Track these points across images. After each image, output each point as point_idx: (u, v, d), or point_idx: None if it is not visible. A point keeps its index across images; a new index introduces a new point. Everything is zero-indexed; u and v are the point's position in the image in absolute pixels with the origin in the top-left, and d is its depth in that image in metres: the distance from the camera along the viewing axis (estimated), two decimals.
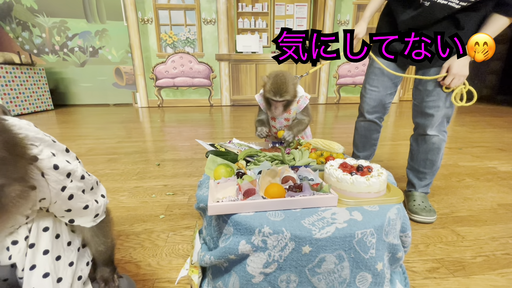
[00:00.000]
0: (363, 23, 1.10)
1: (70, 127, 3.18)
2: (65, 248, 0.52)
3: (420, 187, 1.21)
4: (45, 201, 0.45)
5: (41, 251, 0.50)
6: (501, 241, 0.99)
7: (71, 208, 0.48)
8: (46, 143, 0.45)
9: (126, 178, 1.60)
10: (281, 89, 0.99)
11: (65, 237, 0.53)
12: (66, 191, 0.46)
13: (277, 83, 0.99)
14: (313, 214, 0.56)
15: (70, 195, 0.47)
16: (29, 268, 0.49)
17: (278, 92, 1.00)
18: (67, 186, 0.46)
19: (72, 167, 0.47)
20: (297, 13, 4.67)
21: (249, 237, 0.54)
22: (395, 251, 0.60)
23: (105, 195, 0.56)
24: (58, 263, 0.51)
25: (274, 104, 1.04)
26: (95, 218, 0.54)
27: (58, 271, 0.50)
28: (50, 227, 0.50)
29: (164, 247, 0.97)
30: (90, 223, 0.54)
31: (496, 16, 0.89)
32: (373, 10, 1.12)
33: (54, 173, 0.44)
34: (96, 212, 0.53)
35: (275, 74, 1.03)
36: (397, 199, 0.62)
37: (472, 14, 0.91)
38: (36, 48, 4.79)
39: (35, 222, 0.50)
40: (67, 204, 0.48)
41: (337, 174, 0.64)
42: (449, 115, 1.08)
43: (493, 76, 5.55)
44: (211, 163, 0.73)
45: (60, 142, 0.49)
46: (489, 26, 0.89)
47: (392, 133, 2.76)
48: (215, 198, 0.58)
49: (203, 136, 2.68)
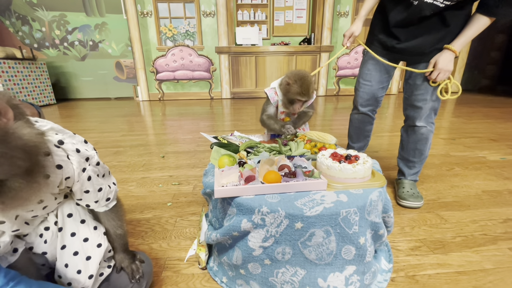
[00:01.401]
0: (359, 22, 1.18)
1: (74, 121, 3.26)
2: (92, 231, 0.60)
3: (410, 175, 1.30)
4: (70, 180, 0.52)
5: (69, 233, 0.58)
6: (481, 223, 1.08)
7: (88, 189, 0.55)
8: (68, 134, 0.53)
9: (133, 170, 1.69)
10: (309, 90, 1.06)
11: (90, 222, 0.61)
12: (86, 173, 0.53)
13: (306, 85, 1.04)
14: (305, 197, 0.65)
15: (88, 176, 0.54)
16: (60, 248, 0.58)
17: (307, 93, 1.06)
18: (87, 168, 0.53)
19: (90, 154, 0.54)
20: (297, 5, 4.66)
21: (250, 216, 0.63)
22: (377, 228, 0.69)
23: (116, 183, 0.63)
24: (86, 244, 0.59)
25: (298, 103, 1.09)
26: (107, 202, 0.60)
27: (86, 250, 0.58)
28: (73, 213, 0.58)
29: (173, 230, 1.07)
30: (103, 208, 0.61)
31: (478, 16, 0.95)
32: (367, 9, 1.18)
33: (76, 155, 0.51)
34: (107, 195, 0.59)
35: (301, 76, 1.06)
36: (380, 184, 0.71)
37: (457, 12, 0.97)
38: (37, 42, 4.81)
39: (59, 209, 0.58)
40: (86, 185, 0.54)
41: (327, 162, 0.72)
42: (436, 108, 1.16)
43: (492, 67, 5.55)
44: (216, 153, 0.82)
45: None
46: (472, 26, 0.96)
47: (389, 124, 2.83)
48: (220, 184, 0.67)
49: (204, 129, 2.76)
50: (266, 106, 1.20)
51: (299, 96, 1.06)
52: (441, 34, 1.03)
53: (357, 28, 1.18)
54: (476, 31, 0.96)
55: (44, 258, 0.59)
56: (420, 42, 1.07)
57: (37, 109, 0.70)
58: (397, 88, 5.11)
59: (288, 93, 1.08)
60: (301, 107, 1.11)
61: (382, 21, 1.17)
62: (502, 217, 1.13)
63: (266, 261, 0.65)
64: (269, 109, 1.18)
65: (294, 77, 1.06)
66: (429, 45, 1.06)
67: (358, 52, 4.83)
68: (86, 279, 0.57)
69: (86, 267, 0.58)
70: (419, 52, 1.09)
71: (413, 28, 1.07)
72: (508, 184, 1.43)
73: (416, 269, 0.84)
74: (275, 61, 4.67)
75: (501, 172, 1.58)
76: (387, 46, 1.16)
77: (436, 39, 1.05)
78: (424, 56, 1.09)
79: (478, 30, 0.96)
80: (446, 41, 1.04)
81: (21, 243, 0.56)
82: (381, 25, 1.17)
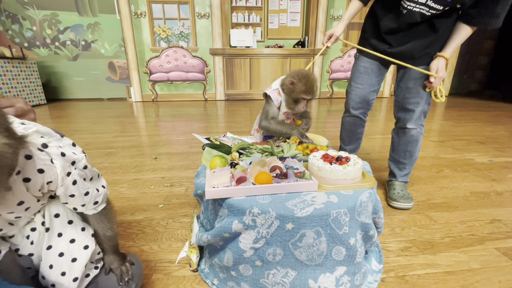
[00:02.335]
0: (341, 24, 1.21)
1: (65, 122, 3.20)
2: (79, 232, 0.59)
3: (400, 177, 1.32)
4: (52, 184, 0.50)
5: (56, 234, 0.57)
6: (468, 224, 1.11)
7: (74, 193, 0.53)
8: (54, 137, 0.52)
9: (124, 171, 1.67)
10: (314, 88, 1.06)
11: (78, 223, 0.60)
12: (70, 177, 0.52)
13: (311, 83, 1.05)
14: (296, 197, 0.65)
15: (74, 180, 0.52)
16: (46, 248, 0.56)
17: (312, 92, 1.06)
18: (72, 173, 0.52)
19: (77, 157, 0.53)
20: (291, 8, 4.70)
21: (241, 217, 0.63)
22: (367, 229, 0.70)
23: (106, 186, 0.62)
24: (73, 245, 0.57)
25: (303, 102, 1.09)
26: (95, 205, 0.59)
27: (72, 252, 0.57)
28: (60, 214, 0.57)
29: (164, 232, 1.06)
30: (92, 211, 0.59)
31: (461, 26, 1.00)
32: (350, 14, 1.20)
33: (61, 160, 0.50)
34: (95, 199, 0.58)
35: (305, 75, 1.06)
36: (370, 185, 0.72)
37: (443, 19, 1.01)
38: (27, 42, 4.72)
39: (47, 209, 0.56)
40: (71, 189, 0.53)
41: (318, 163, 0.73)
42: (426, 111, 1.19)
43: (481, 72, 5.70)
44: (208, 154, 0.81)
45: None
46: (458, 35, 1.01)
47: (381, 127, 2.87)
48: (211, 185, 0.66)
49: (198, 130, 2.75)
50: (269, 108, 1.15)
51: (304, 94, 1.05)
52: (430, 39, 1.06)
53: (338, 29, 1.21)
54: (462, 39, 1.02)
55: (30, 260, 0.58)
56: (411, 47, 1.10)
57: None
58: (389, 91, 5.20)
59: (293, 93, 1.07)
60: (305, 106, 1.11)
61: (373, 26, 1.19)
62: (489, 217, 1.16)
63: (257, 262, 0.65)
64: (272, 110, 1.14)
65: (298, 76, 1.06)
66: (419, 50, 1.09)
67: (351, 55, 4.90)
68: (70, 281, 0.56)
69: (71, 269, 0.56)
70: (409, 56, 1.12)
71: (403, 34, 1.10)
72: (495, 185, 1.47)
73: (406, 269, 0.85)
74: (269, 64, 4.70)
75: (488, 174, 1.62)
76: (379, 50, 1.18)
77: (426, 44, 1.08)
78: (415, 60, 1.11)
79: (464, 38, 1.02)
80: (435, 46, 1.07)
81: (5, 244, 0.54)
82: (373, 30, 1.20)
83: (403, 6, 1.02)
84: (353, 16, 1.21)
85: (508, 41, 5.05)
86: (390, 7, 1.07)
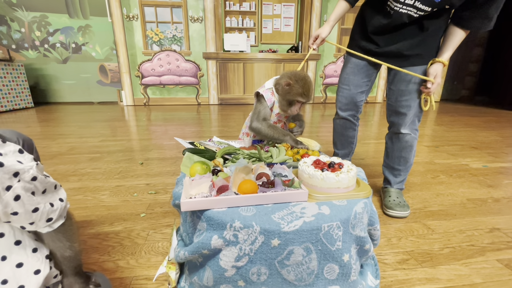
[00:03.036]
0: (327, 25, 1.18)
1: (51, 126, 3.08)
2: (29, 255, 0.50)
3: (395, 184, 1.27)
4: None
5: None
6: (467, 233, 1.05)
7: (17, 211, 0.45)
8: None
9: (107, 177, 1.58)
10: (310, 91, 1.01)
11: (28, 243, 0.51)
12: (11, 191, 0.43)
13: (308, 85, 1.00)
14: (284, 209, 0.59)
15: (16, 195, 0.44)
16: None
17: (308, 95, 1.01)
18: (13, 186, 0.43)
19: (21, 167, 0.44)
20: (285, 13, 4.70)
21: (221, 232, 0.56)
22: (362, 243, 0.63)
23: (64, 199, 0.54)
24: (20, 270, 0.49)
25: (297, 105, 1.04)
26: (49, 222, 0.51)
27: (19, 278, 0.48)
28: (5, 233, 0.48)
29: (143, 245, 0.97)
30: (45, 229, 0.51)
31: (455, 29, 0.98)
32: (336, 15, 1.18)
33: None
34: (48, 216, 0.50)
35: (302, 76, 1.01)
36: (365, 194, 0.66)
37: (433, 20, 0.98)
38: (15, 43, 4.59)
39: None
40: (12, 206, 0.44)
41: (309, 170, 0.67)
42: (419, 115, 1.15)
43: (471, 78, 5.79)
44: (188, 160, 0.74)
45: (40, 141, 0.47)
46: (453, 39, 0.98)
47: (375, 132, 2.84)
48: (188, 195, 0.59)
49: (189, 134, 2.67)
50: (261, 108, 1.08)
51: (301, 97, 1.00)
52: (419, 39, 1.03)
53: (324, 31, 1.18)
54: (457, 43, 0.99)
55: None
56: (398, 47, 1.07)
57: None
58: (382, 96, 5.22)
59: (288, 94, 1.01)
60: (299, 109, 1.06)
61: (361, 27, 1.17)
62: (488, 226, 1.11)
63: (240, 282, 0.58)
64: (265, 111, 1.07)
65: (295, 77, 1.01)
66: (407, 49, 1.06)
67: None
68: None
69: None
70: (398, 55, 1.08)
71: (390, 35, 1.07)
72: (491, 192, 1.43)
73: (404, 285, 0.79)
74: (263, 68, 4.67)
75: (484, 180, 1.58)
76: (367, 50, 1.15)
77: (414, 44, 1.04)
78: (404, 59, 1.08)
79: (459, 41, 0.99)
80: (425, 46, 1.04)
81: None
82: (360, 32, 1.17)
83: (390, 7, 0.99)
84: (340, 17, 1.19)
85: (496, 48, 5.15)
86: (378, 8, 1.05)
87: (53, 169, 1.71)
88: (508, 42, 4.83)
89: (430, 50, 1.05)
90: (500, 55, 5.02)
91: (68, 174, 1.63)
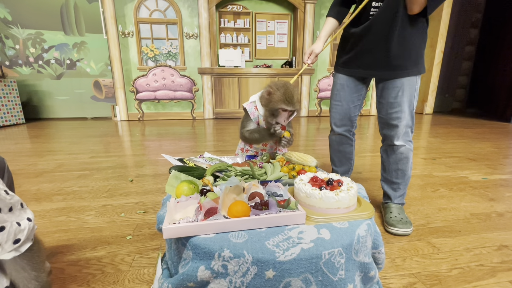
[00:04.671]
0: (319, 42, 1.21)
1: (40, 142, 3.00)
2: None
3: (396, 198, 1.22)
4: None
5: None
6: (475, 252, 1.00)
7: None
8: None
9: (94, 196, 1.50)
10: (293, 98, 0.96)
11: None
12: None
13: (290, 92, 0.96)
14: (279, 234, 0.53)
15: None
16: None
17: (291, 101, 0.96)
18: None
19: None
20: (278, 29, 4.81)
21: (208, 262, 0.49)
22: (367, 270, 0.57)
23: (32, 219, 0.48)
24: None
25: (283, 115, 0.98)
26: (16, 244, 0.45)
27: None
28: None
29: (127, 272, 0.89)
30: (11, 253, 0.45)
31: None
32: (326, 32, 1.21)
33: None
34: (16, 236, 0.44)
35: (282, 84, 0.98)
36: (367, 214, 0.60)
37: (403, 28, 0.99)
38: (9, 60, 4.57)
39: None
40: None
41: (306, 189, 0.61)
42: (411, 125, 1.13)
43: (462, 91, 5.92)
44: (174, 179, 0.68)
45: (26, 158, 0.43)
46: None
47: (371, 145, 2.82)
48: (171, 220, 0.53)
49: (183, 149, 2.61)
50: (246, 122, 1.07)
51: (283, 104, 0.95)
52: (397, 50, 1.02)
53: (317, 47, 1.21)
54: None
55: None
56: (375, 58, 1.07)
57: None
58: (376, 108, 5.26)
59: (270, 103, 0.97)
60: (286, 119, 1.00)
61: (343, 43, 1.19)
62: (496, 243, 1.05)
63: None
64: (248, 125, 1.07)
65: (275, 85, 0.98)
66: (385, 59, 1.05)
67: None
68: None
69: None
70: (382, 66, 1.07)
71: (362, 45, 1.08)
72: (494, 205, 1.38)
73: None
74: (257, 83, 4.71)
75: (485, 193, 1.54)
76: (351, 65, 1.16)
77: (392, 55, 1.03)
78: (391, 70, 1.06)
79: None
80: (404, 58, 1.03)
81: None
82: (343, 48, 1.19)
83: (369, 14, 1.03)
84: (329, 33, 1.22)
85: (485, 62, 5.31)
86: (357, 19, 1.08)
87: (37, 188, 1.62)
88: (495, 57, 4.99)
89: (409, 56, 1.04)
90: (489, 69, 5.16)
91: (52, 193, 1.54)
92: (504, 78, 4.72)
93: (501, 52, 4.84)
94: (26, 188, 1.62)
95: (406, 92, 1.07)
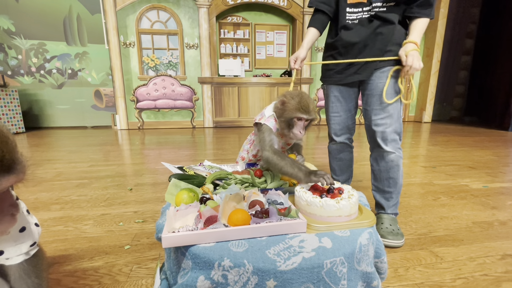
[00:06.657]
0: (302, 49, 1.23)
1: (40, 151, 2.99)
2: None
3: (389, 208, 1.20)
4: None
5: None
6: (479, 261, 0.98)
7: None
8: None
9: (93, 205, 1.48)
10: (309, 106, 0.92)
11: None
12: None
13: (305, 100, 0.92)
14: (280, 242, 0.52)
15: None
16: None
17: (307, 109, 0.91)
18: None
19: None
20: (277, 40, 4.90)
21: (208, 272, 0.48)
22: (369, 279, 0.56)
23: (39, 224, 0.48)
24: None
25: (298, 124, 0.92)
26: (31, 247, 0.45)
27: None
28: None
29: (125, 283, 0.87)
30: (20, 257, 0.44)
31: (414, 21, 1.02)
32: (308, 40, 1.23)
33: None
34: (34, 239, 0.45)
35: (297, 93, 0.95)
36: (369, 223, 0.60)
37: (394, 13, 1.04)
38: (11, 70, 4.63)
39: None
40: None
41: (306, 197, 0.61)
42: (398, 131, 1.13)
43: (459, 99, 5.99)
44: (173, 187, 0.68)
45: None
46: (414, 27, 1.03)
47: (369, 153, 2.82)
48: (171, 228, 0.52)
49: (183, 158, 2.60)
50: (268, 136, 0.92)
51: (299, 112, 0.89)
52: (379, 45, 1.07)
53: (302, 52, 1.22)
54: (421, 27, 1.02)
55: None
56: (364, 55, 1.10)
57: None
58: None
59: (285, 113, 0.92)
60: (303, 128, 0.93)
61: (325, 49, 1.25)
62: (499, 252, 1.04)
63: None
64: (272, 139, 0.92)
65: (289, 95, 0.95)
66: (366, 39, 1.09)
67: None
68: None
69: None
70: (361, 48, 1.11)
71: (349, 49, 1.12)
72: (496, 214, 1.37)
73: None
74: (257, 92, 4.75)
75: (486, 201, 1.53)
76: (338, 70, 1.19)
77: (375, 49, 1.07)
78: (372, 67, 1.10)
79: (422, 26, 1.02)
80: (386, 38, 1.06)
81: None
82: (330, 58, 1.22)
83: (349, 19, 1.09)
84: (312, 43, 1.24)
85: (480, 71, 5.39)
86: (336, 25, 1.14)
87: (35, 197, 1.60)
88: (491, 66, 5.07)
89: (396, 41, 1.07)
90: (486, 78, 5.24)
91: (50, 203, 1.52)
92: (500, 87, 4.78)
93: (497, 62, 4.93)
94: (24, 197, 1.60)
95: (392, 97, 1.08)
